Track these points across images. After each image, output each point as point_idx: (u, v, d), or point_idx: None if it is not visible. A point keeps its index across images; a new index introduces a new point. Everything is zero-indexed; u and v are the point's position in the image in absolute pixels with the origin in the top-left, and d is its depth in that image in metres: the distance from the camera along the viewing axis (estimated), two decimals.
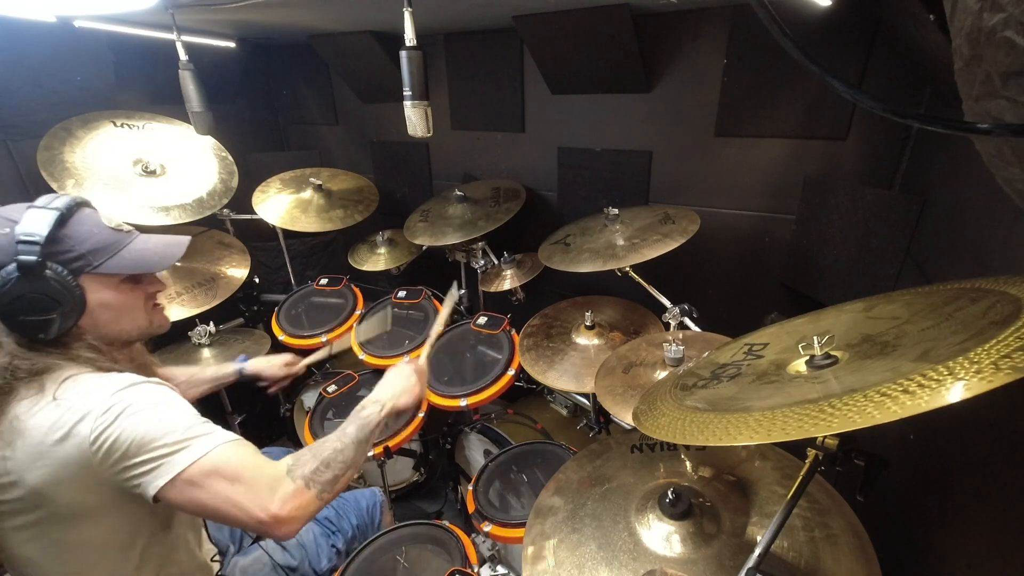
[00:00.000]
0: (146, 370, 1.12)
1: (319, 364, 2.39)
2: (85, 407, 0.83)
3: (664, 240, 1.54)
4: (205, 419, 0.93)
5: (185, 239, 1.08)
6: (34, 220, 0.88)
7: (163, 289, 1.09)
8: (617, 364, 1.43)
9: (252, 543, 1.42)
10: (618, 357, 1.46)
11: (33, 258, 0.85)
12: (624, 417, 1.26)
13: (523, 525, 1.24)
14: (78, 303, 0.91)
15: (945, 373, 0.52)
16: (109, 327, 0.98)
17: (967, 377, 0.50)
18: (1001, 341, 0.53)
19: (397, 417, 1.31)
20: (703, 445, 1.22)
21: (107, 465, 0.83)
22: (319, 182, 2.35)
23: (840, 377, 0.68)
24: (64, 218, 0.91)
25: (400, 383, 1.23)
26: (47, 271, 0.87)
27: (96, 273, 0.93)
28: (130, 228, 1.03)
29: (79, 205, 0.97)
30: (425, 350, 1.44)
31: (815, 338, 0.74)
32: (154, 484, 0.84)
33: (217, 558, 1.21)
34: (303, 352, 2.12)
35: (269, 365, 1.57)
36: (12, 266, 0.85)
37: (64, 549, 0.90)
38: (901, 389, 0.54)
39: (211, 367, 1.53)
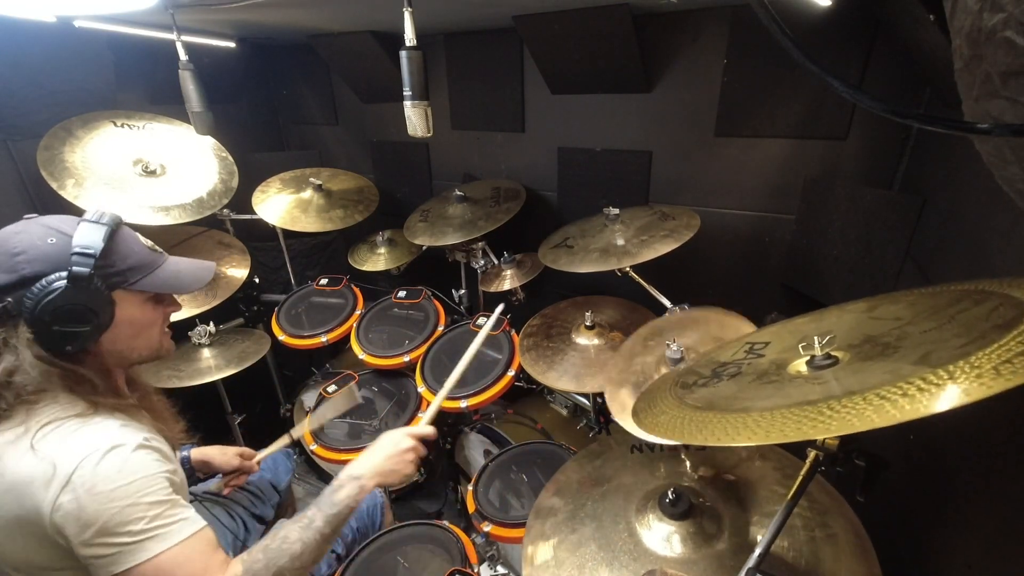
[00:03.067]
0: (146, 400, 1.10)
1: (319, 365, 2.40)
2: (59, 465, 0.80)
3: (664, 240, 1.53)
4: (173, 498, 0.89)
5: (212, 264, 1.11)
6: (89, 233, 0.90)
7: (178, 309, 1.11)
8: (628, 382, 1.33)
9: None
10: (624, 377, 1.40)
11: (86, 270, 0.87)
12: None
13: (523, 525, 1.24)
14: (109, 318, 0.93)
15: (945, 377, 0.52)
16: (127, 343, 0.98)
17: (967, 382, 0.50)
18: (1003, 346, 0.53)
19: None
20: (703, 445, 1.23)
21: (61, 536, 0.80)
22: (319, 182, 2.35)
23: (840, 378, 0.68)
24: (112, 234, 0.94)
25: (389, 451, 1.09)
26: (93, 283, 0.89)
27: (129, 289, 0.95)
28: (161, 250, 1.05)
29: (119, 224, 0.99)
30: (427, 414, 1.25)
31: (816, 338, 0.74)
32: (105, 571, 0.81)
33: None
34: (302, 352, 2.14)
35: (221, 454, 1.39)
36: (60, 275, 0.86)
37: None
38: (900, 392, 0.54)
39: None
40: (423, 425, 1.18)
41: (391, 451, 1.09)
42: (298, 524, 0.97)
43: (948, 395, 0.50)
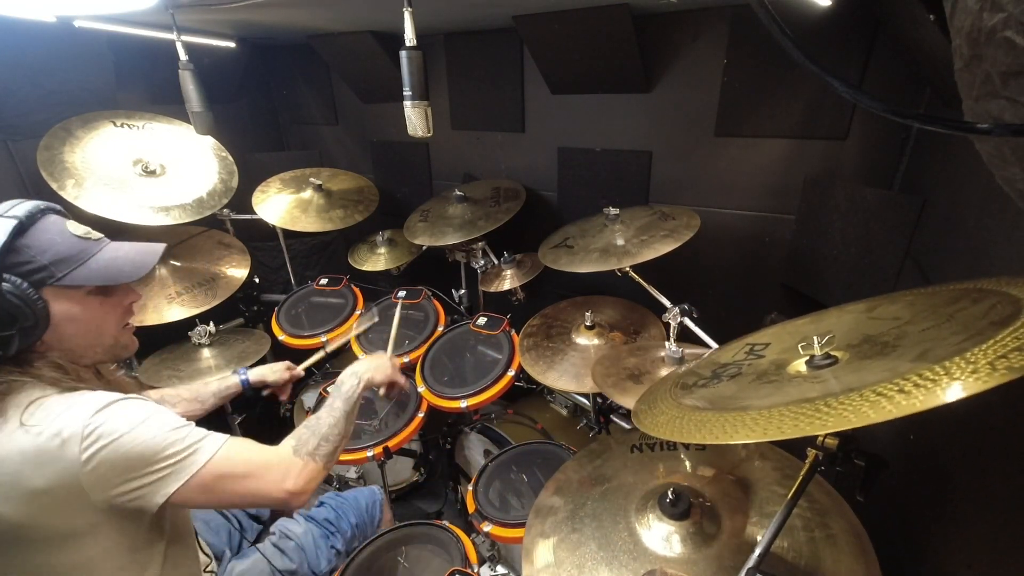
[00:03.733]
0: (121, 389, 1.07)
1: (319, 364, 2.40)
2: (63, 432, 0.79)
3: (664, 240, 1.53)
4: (190, 423, 0.93)
5: (159, 246, 1.02)
6: None
7: (138, 299, 1.03)
8: (622, 372, 1.39)
9: (250, 545, 1.41)
10: (615, 360, 1.45)
11: None
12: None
13: (523, 525, 1.24)
14: (40, 317, 0.86)
15: (941, 373, 0.53)
16: (75, 341, 0.92)
17: (963, 377, 0.50)
18: (999, 341, 0.53)
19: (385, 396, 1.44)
20: (702, 444, 1.23)
21: (104, 485, 0.81)
22: (319, 182, 2.35)
23: (839, 377, 0.68)
24: (23, 227, 0.85)
25: (373, 362, 1.32)
26: (3, 284, 0.82)
27: (60, 285, 0.87)
28: (99, 236, 0.97)
29: (43, 212, 0.91)
30: (390, 347, 1.67)
31: (815, 338, 0.74)
32: (163, 492, 0.85)
33: (212, 567, 1.19)
34: (302, 352, 2.14)
35: (272, 371, 1.55)
36: None
37: (46, 573, 0.86)
38: (897, 389, 0.54)
39: (213, 382, 1.47)
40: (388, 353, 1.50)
41: (374, 360, 1.34)
42: (323, 409, 1.12)
43: (944, 390, 0.50)
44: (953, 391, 0.50)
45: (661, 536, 1.03)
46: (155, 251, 1.01)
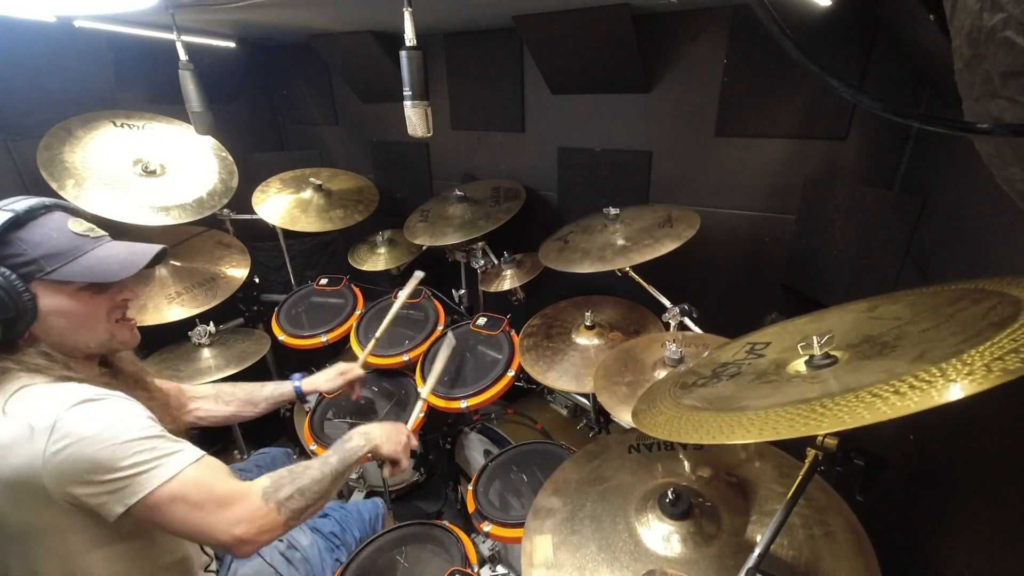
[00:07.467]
0: (127, 381, 1.07)
1: (319, 365, 2.40)
2: (35, 424, 0.79)
3: (664, 240, 1.53)
4: (166, 434, 0.89)
5: (153, 248, 1.02)
6: None
7: (132, 298, 1.03)
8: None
9: None
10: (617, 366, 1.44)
11: None
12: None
13: (523, 525, 1.24)
14: (26, 310, 0.87)
15: (937, 375, 0.53)
16: (64, 336, 0.93)
17: (958, 379, 0.50)
18: (995, 343, 0.53)
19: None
20: (699, 444, 1.23)
21: (62, 485, 0.79)
22: (319, 182, 2.35)
23: (838, 377, 0.68)
24: (19, 221, 0.88)
25: (391, 433, 1.24)
26: None
27: (49, 279, 0.89)
28: (100, 234, 0.98)
29: (47, 208, 0.93)
30: (411, 421, 1.53)
31: (815, 338, 0.74)
32: (115, 509, 0.82)
33: (213, 567, 1.17)
34: (302, 352, 2.14)
35: (325, 380, 1.56)
36: None
37: (21, 565, 0.85)
38: (892, 390, 0.54)
39: (269, 385, 1.51)
40: (411, 422, 1.37)
41: (392, 430, 1.25)
42: (318, 459, 1.07)
43: (939, 392, 0.50)
44: (948, 393, 0.50)
45: (661, 536, 1.03)
46: (147, 251, 1.00)
